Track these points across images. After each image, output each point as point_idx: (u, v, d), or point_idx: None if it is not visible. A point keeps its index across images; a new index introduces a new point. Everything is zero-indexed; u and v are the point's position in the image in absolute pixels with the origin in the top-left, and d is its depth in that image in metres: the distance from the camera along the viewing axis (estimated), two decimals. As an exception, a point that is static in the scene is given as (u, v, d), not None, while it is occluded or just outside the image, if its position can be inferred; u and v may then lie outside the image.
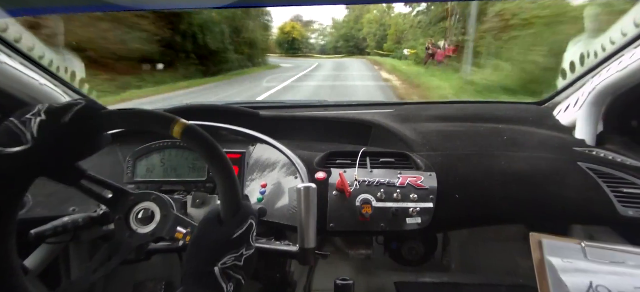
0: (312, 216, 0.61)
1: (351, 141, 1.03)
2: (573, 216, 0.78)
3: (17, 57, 0.86)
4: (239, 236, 0.46)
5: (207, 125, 0.85)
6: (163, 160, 0.82)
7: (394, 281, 1.02)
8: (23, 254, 0.72)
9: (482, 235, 1.07)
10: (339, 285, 0.71)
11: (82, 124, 0.46)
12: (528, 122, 1.07)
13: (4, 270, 0.43)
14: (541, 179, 0.80)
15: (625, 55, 0.88)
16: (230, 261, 0.44)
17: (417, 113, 1.14)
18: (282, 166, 0.84)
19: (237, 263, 0.45)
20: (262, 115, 1.07)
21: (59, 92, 0.97)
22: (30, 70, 0.88)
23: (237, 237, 0.46)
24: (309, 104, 1.33)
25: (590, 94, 0.97)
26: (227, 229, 0.46)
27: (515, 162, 0.85)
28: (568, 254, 0.58)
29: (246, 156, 0.84)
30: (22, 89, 0.86)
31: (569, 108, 1.07)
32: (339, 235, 1.01)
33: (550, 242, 0.60)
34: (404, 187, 0.79)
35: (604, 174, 0.80)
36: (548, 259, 0.58)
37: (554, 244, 0.60)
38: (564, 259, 0.57)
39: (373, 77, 13.18)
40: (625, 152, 0.90)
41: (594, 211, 0.75)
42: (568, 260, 0.57)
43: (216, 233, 0.46)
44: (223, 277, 0.43)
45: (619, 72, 0.87)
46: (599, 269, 0.56)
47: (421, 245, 1.02)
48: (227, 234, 0.45)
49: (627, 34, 0.89)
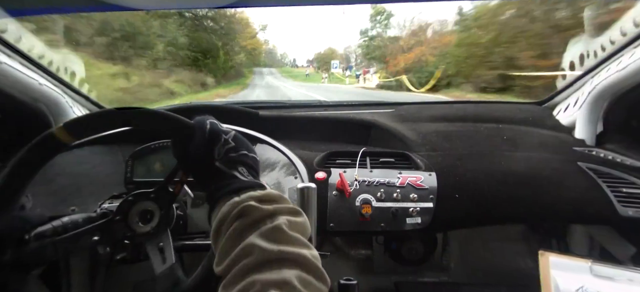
0: (312, 216, 0.61)
1: (351, 141, 1.03)
2: (573, 216, 0.78)
3: (17, 57, 0.86)
4: (210, 131, 0.46)
5: None
6: (163, 160, 0.82)
7: (394, 281, 1.02)
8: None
9: (482, 235, 1.07)
10: (343, 285, 0.71)
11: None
12: (528, 122, 1.07)
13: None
14: (541, 179, 0.80)
15: (625, 55, 0.88)
16: (222, 150, 0.45)
17: (417, 113, 1.14)
18: (282, 166, 0.84)
19: (228, 146, 0.46)
20: (262, 115, 1.07)
21: (59, 92, 0.97)
22: (30, 70, 0.88)
23: (210, 134, 0.46)
24: (308, 104, 1.33)
25: (590, 94, 0.97)
26: (197, 138, 0.46)
27: (515, 162, 0.85)
28: (574, 271, 0.59)
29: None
30: (22, 89, 0.86)
31: (569, 108, 1.07)
32: (339, 235, 1.01)
33: (557, 259, 0.60)
34: (404, 187, 0.78)
35: (604, 174, 0.80)
36: (553, 275, 0.58)
37: (561, 262, 0.60)
38: (569, 276, 0.58)
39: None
40: (625, 152, 0.90)
41: (594, 211, 0.75)
42: (573, 276, 0.58)
43: (192, 147, 0.46)
44: (228, 165, 0.44)
45: (619, 72, 0.87)
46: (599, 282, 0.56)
47: (421, 245, 1.02)
48: (200, 139, 0.46)
49: (627, 34, 0.89)
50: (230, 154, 0.45)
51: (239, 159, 0.45)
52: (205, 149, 0.45)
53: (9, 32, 0.84)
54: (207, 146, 0.45)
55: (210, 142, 0.45)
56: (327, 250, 0.68)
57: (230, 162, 0.44)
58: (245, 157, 0.46)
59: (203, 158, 0.45)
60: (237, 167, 0.44)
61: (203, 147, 0.45)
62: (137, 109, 0.47)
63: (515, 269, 1.01)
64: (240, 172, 0.44)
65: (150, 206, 0.57)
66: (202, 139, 0.46)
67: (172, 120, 0.48)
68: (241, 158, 0.46)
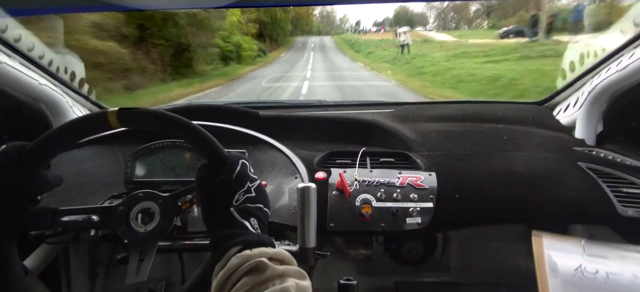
0: (312, 216, 0.61)
1: (351, 141, 1.03)
2: (573, 216, 0.78)
3: (17, 57, 0.86)
4: (238, 174, 0.46)
5: (207, 125, 0.85)
6: (163, 160, 0.82)
7: (394, 281, 1.02)
8: (23, 254, 0.71)
9: (482, 235, 1.06)
10: (343, 285, 0.71)
11: (14, 168, 0.45)
12: (528, 122, 1.07)
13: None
14: (541, 179, 0.80)
15: (625, 55, 0.88)
16: (242, 197, 0.45)
17: (417, 113, 1.14)
18: (282, 166, 0.84)
19: (249, 195, 0.46)
20: (262, 115, 1.07)
21: (59, 92, 0.97)
22: (30, 70, 0.88)
23: (237, 176, 0.46)
24: (308, 104, 1.33)
25: (590, 94, 0.97)
26: (225, 175, 0.46)
27: (515, 162, 0.85)
28: (567, 250, 0.60)
29: (246, 156, 0.84)
30: (22, 89, 0.86)
31: (569, 108, 1.07)
32: (339, 235, 1.01)
33: (551, 240, 0.61)
34: (404, 187, 0.78)
35: (604, 174, 0.80)
36: (548, 253, 0.59)
37: (554, 243, 0.61)
38: (563, 254, 0.59)
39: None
40: (625, 152, 0.90)
41: (594, 211, 0.75)
42: (567, 254, 0.59)
43: (216, 182, 0.46)
44: (242, 215, 0.44)
45: (619, 72, 0.87)
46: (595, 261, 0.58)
47: (421, 245, 1.02)
48: (227, 178, 0.46)
49: (627, 34, 0.89)
50: (248, 204, 0.45)
51: (253, 211, 0.45)
52: (226, 191, 0.45)
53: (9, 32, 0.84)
54: (230, 188, 0.45)
55: (235, 186, 0.45)
56: (327, 250, 0.68)
57: (244, 212, 0.44)
58: (260, 211, 0.46)
59: (221, 199, 0.45)
60: (249, 217, 0.44)
61: (226, 188, 0.45)
62: (183, 121, 0.47)
63: (515, 269, 1.01)
64: (251, 224, 0.44)
65: (145, 205, 0.57)
66: (228, 179, 0.46)
67: (210, 145, 0.48)
68: (256, 211, 0.46)
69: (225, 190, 0.45)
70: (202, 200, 0.47)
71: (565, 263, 0.57)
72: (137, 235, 0.54)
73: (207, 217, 0.46)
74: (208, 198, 0.46)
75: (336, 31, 46.60)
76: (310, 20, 35.69)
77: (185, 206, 0.57)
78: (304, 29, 31.47)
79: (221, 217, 0.44)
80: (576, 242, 0.61)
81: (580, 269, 0.56)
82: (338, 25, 52.26)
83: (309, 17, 34.05)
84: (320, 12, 44.14)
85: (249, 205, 0.45)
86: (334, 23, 51.75)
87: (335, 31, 46.53)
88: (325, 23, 47.15)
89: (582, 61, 1.06)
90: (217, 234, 0.43)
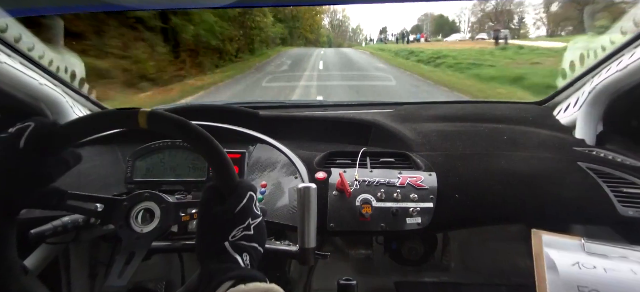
0: (312, 216, 0.61)
1: (351, 141, 1.03)
2: (573, 216, 0.78)
3: (17, 57, 0.86)
4: (242, 208, 0.46)
5: (207, 125, 0.85)
6: (163, 160, 0.82)
7: (394, 281, 1.02)
8: (23, 254, 0.71)
9: (482, 235, 1.07)
10: (342, 285, 0.71)
11: (40, 144, 0.45)
12: (528, 122, 1.07)
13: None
14: (541, 179, 0.80)
15: (625, 55, 0.88)
16: (239, 233, 0.45)
17: (417, 113, 1.14)
18: (282, 166, 0.84)
19: (247, 233, 0.45)
20: (262, 115, 1.07)
21: (59, 92, 0.97)
22: (30, 70, 0.88)
23: (241, 210, 0.46)
24: (308, 104, 1.33)
25: (590, 94, 0.97)
26: (229, 205, 0.46)
27: (515, 162, 0.85)
28: (567, 248, 0.60)
29: (246, 156, 0.84)
30: (22, 89, 0.86)
31: (569, 108, 1.07)
32: (339, 235, 1.01)
33: (550, 238, 0.61)
34: (404, 187, 0.78)
35: (604, 174, 0.80)
36: (546, 252, 0.59)
37: (553, 240, 0.61)
38: (562, 253, 0.59)
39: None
40: (625, 152, 0.90)
41: (594, 211, 0.75)
42: (566, 252, 0.59)
43: (219, 211, 0.46)
44: (236, 250, 0.44)
45: (619, 72, 0.87)
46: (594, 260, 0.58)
47: (421, 245, 1.02)
48: (230, 210, 0.45)
49: (627, 34, 0.89)
50: (243, 241, 0.45)
51: (247, 248, 0.45)
52: (226, 223, 0.45)
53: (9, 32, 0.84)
54: (230, 221, 0.45)
55: (235, 220, 0.45)
56: (327, 250, 0.69)
57: (238, 248, 0.44)
58: (254, 250, 0.46)
59: (219, 230, 0.45)
60: (242, 253, 0.44)
61: (226, 220, 0.45)
62: (207, 137, 0.47)
63: (515, 269, 1.01)
64: (242, 259, 0.44)
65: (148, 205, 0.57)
66: (230, 212, 0.45)
67: (226, 170, 0.48)
68: (249, 249, 0.45)
69: (225, 222, 0.45)
70: (200, 224, 0.47)
71: (564, 260, 0.57)
72: (132, 234, 0.55)
73: (200, 245, 0.46)
74: (206, 225, 0.46)
75: (350, 42, 39.73)
76: (314, 25, 28.79)
77: (184, 218, 0.57)
78: (308, 37, 25.03)
79: (214, 249, 0.44)
80: (576, 240, 0.61)
81: (578, 264, 0.56)
82: (351, 36, 44.20)
83: (314, 19, 26.92)
84: (330, 21, 38.27)
85: (244, 243, 0.45)
86: (346, 34, 43.64)
87: (350, 42, 39.62)
88: (336, 33, 39.01)
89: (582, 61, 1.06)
90: (209, 267, 0.43)
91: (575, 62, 1.08)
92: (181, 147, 0.82)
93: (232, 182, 0.47)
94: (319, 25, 31.19)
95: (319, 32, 29.68)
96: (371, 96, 6.67)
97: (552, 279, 0.56)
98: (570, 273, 0.55)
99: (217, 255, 0.43)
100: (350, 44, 40.44)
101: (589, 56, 1.03)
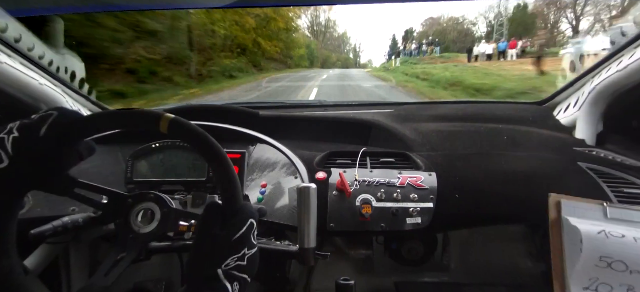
0: (312, 216, 0.61)
1: (351, 141, 1.03)
2: None
3: (17, 57, 0.86)
4: (240, 236, 0.46)
5: (207, 125, 0.85)
6: (163, 160, 0.82)
7: (394, 281, 1.02)
8: (23, 254, 0.71)
9: (482, 235, 1.07)
10: (340, 285, 0.71)
11: (60, 134, 0.45)
12: (528, 122, 1.07)
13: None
14: (541, 179, 0.80)
15: (625, 55, 0.88)
16: (233, 263, 0.44)
17: (417, 113, 1.14)
18: (282, 166, 0.84)
19: (241, 263, 0.45)
20: (262, 115, 1.07)
21: (59, 92, 0.97)
22: (30, 70, 0.88)
23: (238, 238, 0.46)
24: (308, 104, 1.33)
25: (590, 94, 0.97)
26: (228, 231, 0.46)
27: (515, 162, 0.85)
28: (587, 214, 0.55)
29: (246, 156, 0.84)
30: (22, 89, 0.86)
31: (569, 108, 1.07)
32: (339, 235, 1.01)
33: (569, 202, 0.56)
34: (404, 187, 0.78)
35: (604, 174, 0.80)
36: (565, 218, 0.54)
37: (574, 205, 0.56)
38: (585, 221, 0.54)
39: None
40: (625, 152, 0.90)
41: None
42: (586, 220, 0.54)
43: (217, 235, 0.46)
44: (227, 278, 0.43)
45: (619, 72, 0.87)
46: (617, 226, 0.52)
47: (421, 245, 1.02)
48: (228, 236, 0.45)
49: (627, 34, 0.89)
50: (234, 271, 0.45)
51: (238, 278, 0.45)
52: (221, 250, 0.45)
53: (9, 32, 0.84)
54: (226, 248, 0.45)
55: (231, 248, 0.45)
56: (327, 250, 0.68)
57: (230, 277, 0.44)
58: (245, 280, 0.46)
59: (213, 256, 0.44)
60: (232, 282, 0.44)
61: (222, 246, 0.45)
62: (222, 154, 0.47)
63: (515, 269, 1.01)
64: (232, 288, 0.44)
65: (150, 206, 0.57)
66: (228, 238, 0.45)
67: (233, 190, 0.47)
68: (240, 279, 0.45)
69: (220, 248, 0.45)
70: (196, 243, 0.47)
71: (588, 228, 0.51)
72: (130, 232, 0.55)
73: (192, 265, 0.45)
74: (202, 246, 0.46)
75: (345, 57, 29.84)
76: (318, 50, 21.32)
77: (181, 228, 0.57)
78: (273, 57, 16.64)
79: (206, 274, 0.44)
80: (597, 204, 0.56)
81: (605, 232, 0.51)
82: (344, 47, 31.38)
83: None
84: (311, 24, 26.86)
85: (236, 272, 0.45)
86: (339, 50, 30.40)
87: (345, 56, 29.75)
88: (321, 43, 27.52)
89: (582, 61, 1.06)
90: (195, 290, 0.43)
91: (576, 62, 1.08)
92: (181, 148, 0.82)
93: (236, 204, 0.47)
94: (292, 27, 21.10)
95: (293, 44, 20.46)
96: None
97: (570, 249, 0.51)
98: (595, 242, 0.50)
99: (208, 281, 0.43)
100: (347, 59, 31.02)
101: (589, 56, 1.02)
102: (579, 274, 0.50)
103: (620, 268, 0.48)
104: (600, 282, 0.49)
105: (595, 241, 0.50)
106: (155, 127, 0.46)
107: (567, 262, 0.50)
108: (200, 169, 0.81)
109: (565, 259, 0.50)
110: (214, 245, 0.45)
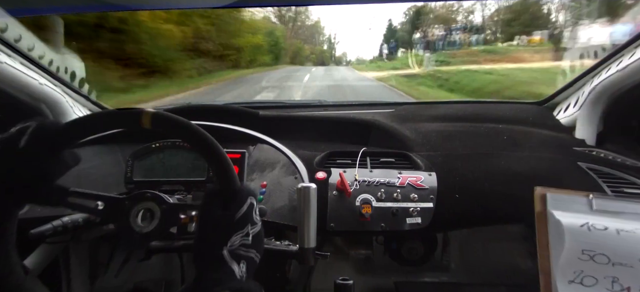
0: (312, 216, 0.61)
1: (351, 141, 1.03)
2: None
3: (17, 57, 0.86)
4: (242, 215, 0.46)
5: (207, 125, 0.85)
6: (163, 160, 0.82)
7: (394, 281, 1.02)
8: (23, 254, 0.71)
9: (482, 235, 1.06)
10: (339, 285, 0.71)
11: (41, 144, 0.45)
12: (528, 122, 1.07)
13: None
14: (541, 179, 0.79)
15: (625, 55, 0.88)
16: (237, 242, 0.44)
17: (417, 113, 1.14)
18: (282, 166, 0.84)
19: (246, 241, 0.45)
20: (262, 115, 1.07)
21: (59, 92, 0.97)
22: (31, 70, 0.88)
23: (241, 218, 0.45)
24: (308, 104, 1.33)
25: (590, 94, 0.97)
26: (229, 211, 0.46)
27: (516, 162, 0.85)
28: (572, 207, 0.54)
29: (246, 155, 0.84)
30: (22, 89, 0.86)
31: (569, 108, 1.07)
32: (339, 235, 1.01)
33: (554, 195, 0.55)
34: (404, 187, 0.78)
35: (604, 174, 0.80)
36: (550, 211, 0.53)
37: (559, 198, 0.55)
38: (569, 214, 0.53)
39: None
40: (626, 152, 0.90)
41: None
42: (571, 213, 0.53)
43: (218, 217, 0.46)
44: (233, 258, 0.43)
45: (619, 72, 0.87)
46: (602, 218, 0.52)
47: (421, 245, 1.02)
48: (230, 217, 0.45)
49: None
50: (240, 250, 0.45)
51: (245, 256, 0.45)
52: (225, 229, 0.45)
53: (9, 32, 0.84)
54: (229, 227, 0.45)
55: (234, 227, 0.45)
56: (327, 250, 0.69)
57: (236, 256, 0.44)
58: (251, 259, 0.46)
59: (217, 237, 0.44)
60: (239, 261, 0.44)
61: (225, 226, 0.45)
62: (211, 141, 0.47)
63: (515, 269, 1.01)
64: (239, 268, 0.43)
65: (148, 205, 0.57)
66: (231, 218, 0.45)
67: (228, 174, 0.47)
68: (246, 257, 0.45)
69: (224, 228, 0.45)
70: (200, 227, 0.47)
71: (571, 221, 0.51)
72: (132, 233, 0.55)
73: (198, 249, 0.46)
74: (205, 229, 0.46)
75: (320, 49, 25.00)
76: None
77: (184, 220, 0.57)
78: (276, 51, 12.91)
79: (212, 256, 0.44)
80: (582, 197, 0.54)
81: (588, 225, 0.50)
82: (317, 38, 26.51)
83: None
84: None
85: (242, 251, 0.45)
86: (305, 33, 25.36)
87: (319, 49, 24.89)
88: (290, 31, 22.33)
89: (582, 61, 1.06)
90: (204, 276, 0.43)
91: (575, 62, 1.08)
92: (181, 147, 0.82)
93: (233, 186, 0.47)
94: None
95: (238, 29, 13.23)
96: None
97: (555, 243, 0.50)
98: (577, 236, 0.50)
99: (214, 262, 0.43)
100: (322, 52, 25.45)
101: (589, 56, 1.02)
102: (564, 268, 0.49)
103: (603, 261, 0.48)
104: (585, 275, 0.49)
105: (577, 235, 0.50)
106: (137, 125, 0.46)
107: (553, 256, 0.50)
108: (200, 169, 0.81)
109: (551, 252, 0.50)
110: (217, 226, 0.45)
